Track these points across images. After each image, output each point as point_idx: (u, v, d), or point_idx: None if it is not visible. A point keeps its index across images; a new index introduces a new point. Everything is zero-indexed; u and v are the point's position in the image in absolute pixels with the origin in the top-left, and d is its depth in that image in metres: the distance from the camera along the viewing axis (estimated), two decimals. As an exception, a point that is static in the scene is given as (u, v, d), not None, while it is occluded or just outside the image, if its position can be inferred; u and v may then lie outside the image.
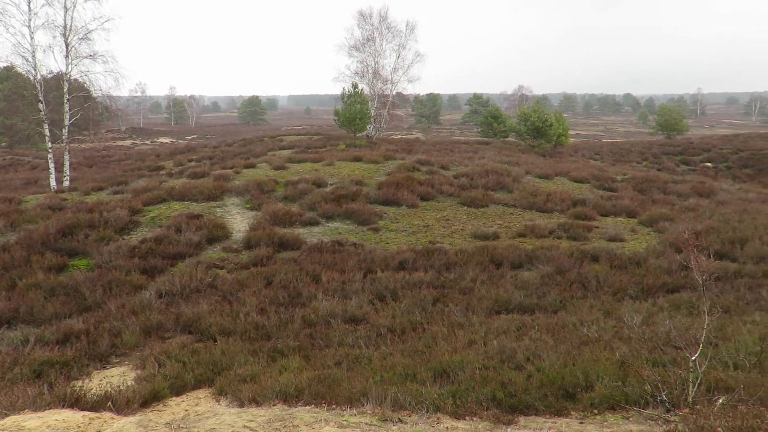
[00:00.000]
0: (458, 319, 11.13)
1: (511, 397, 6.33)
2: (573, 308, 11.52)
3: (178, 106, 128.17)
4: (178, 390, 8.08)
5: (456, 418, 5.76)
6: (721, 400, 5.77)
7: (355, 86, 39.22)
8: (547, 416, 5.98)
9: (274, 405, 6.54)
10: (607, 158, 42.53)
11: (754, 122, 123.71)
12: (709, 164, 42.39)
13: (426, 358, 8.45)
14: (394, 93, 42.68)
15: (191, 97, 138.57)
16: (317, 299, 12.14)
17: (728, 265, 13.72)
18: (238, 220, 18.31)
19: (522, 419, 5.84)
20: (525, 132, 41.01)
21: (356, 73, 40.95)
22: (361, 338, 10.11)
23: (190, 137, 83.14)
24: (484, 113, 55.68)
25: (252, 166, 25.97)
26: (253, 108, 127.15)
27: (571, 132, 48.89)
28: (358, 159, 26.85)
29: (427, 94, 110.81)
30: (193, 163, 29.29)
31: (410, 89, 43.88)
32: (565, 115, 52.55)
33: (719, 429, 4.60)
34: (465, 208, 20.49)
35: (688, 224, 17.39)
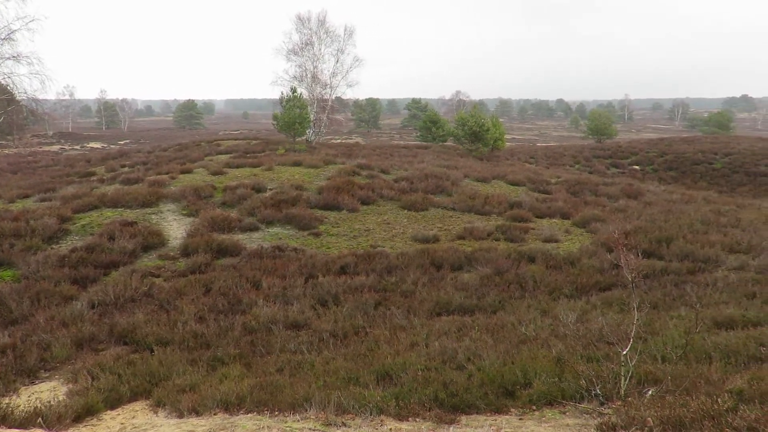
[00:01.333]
0: (400, 321, 11.21)
1: (453, 397, 6.43)
2: (511, 308, 11.80)
3: (109, 109, 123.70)
4: (113, 403, 7.80)
5: (399, 420, 5.81)
6: (650, 392, 6.04)
7: (294, 90, 38.96)
8: (488, 414, 6.11)
9: (214, 414, 6.42)
10: (542, 161, 43.78)
11: (677, 127, 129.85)
12: (636, 167, 44.27)
13: (369, 362, 8.47)
14: (333, 97, 42.68)
15: (123, 100, 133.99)
16: (258, 306, 11.97)
17: (655, 263, 14.35)
18: (175, 227, 17.86)
19: (464, 418, 5.95)
20: (463, 136, 41.75)
21: (295, 77, 40.78)
22: (304, 344, 10.04)
23: (122, 142, 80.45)
24: (423, 118, 56.31)
25: (188, 171, 25.38)
26: (189, 112, 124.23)
27: (507, 136, 50.06)
28: (297, 163, 26.67)
29: (366, 99, 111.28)
30: (126, 169, 28.35)
31: (349, 94, 44.08)
32: (501, 119, 53.81)
33: (649, 419, 4.82)
34: (405, 211, 20.66)
35: (618, 225, 18.11)
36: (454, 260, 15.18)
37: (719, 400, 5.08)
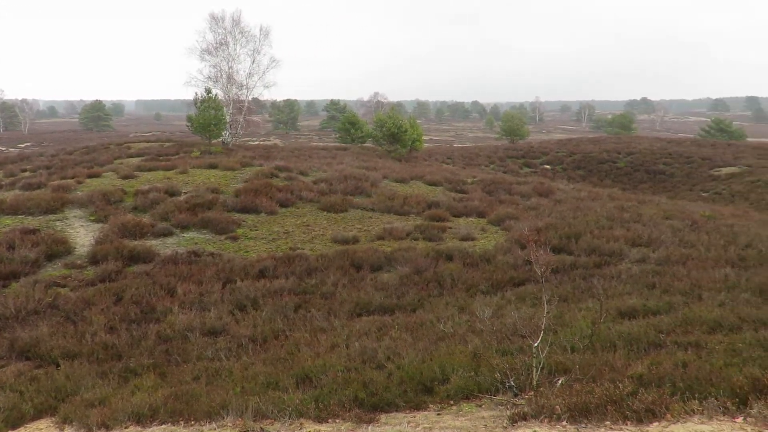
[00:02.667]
0: (321, 323, 11.18)
1: (372, 396, 6.48)
2: (430, 306, 12.01)
3: (7, 110, 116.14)
4: (15, 422, 7.34)
5: (319, 422, 5.79)
6: (560, 381, 6.32)
7: (208, 91, 37.92)
8: (407, 411, 6.20)
9: (126, 428, 6.17)
10: (459, 162, 44.82)
11: (584, 128, 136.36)
12: (547, 166, 46.15)
13: (289, 365, 8.39)
14: (250, 98, 41.87)
15: (23, 101, 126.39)
16: (173, 313, 11.60)
17: (565, 258, 15.00)
18: (82, 234, 17.00)
19: (383, 416, 6.00)
20: (381, 137, 42.10)
21: (209, 77, 39.64)
22: (222, 350, 9.82)
23: (23, 145, 75.85)
24: (342, 119, 56.36)
25: (97, 175, 24.23)
26: (97, 113, 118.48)
27: (425, 137, 50.97)
28: (213, 166, 26.02)
29: (284, 100, 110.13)
30: (27, 173, 26.67)
31: (267, 95, 43.21)
32: (418, 121, 54.67)
33: (557, 407, 5.05)
34: (325, 213, 20.59)
35: (530, 222, 18.81)
36: (374, 261, 15.28)
37: (620, 385, 5.39)
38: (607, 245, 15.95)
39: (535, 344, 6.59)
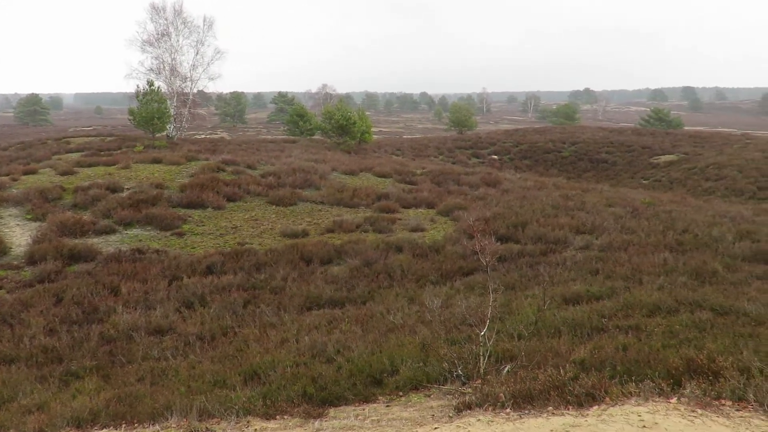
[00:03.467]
0: (270, 319, 11.07)
1: (321, 391, 6.45)
2: (380, 298, 12.04)
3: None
4: (-54, 433, 7.00)
5: (266, 419, 5.73)
6: (507, 368, 6.43)
7: (151, 84, 36.88)
8: (356, 404, 6.20)
9: (66, 433, 5.96)
10: (408, 153, 44.99)
11: (530, 118, 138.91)
12: (495, 157, 46.82)
13: (237, 363, 8.28)
14: (194, 91, 41.01)
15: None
16: (117, 313, 11.27)
17: (513, 247, 15.27)
18: (18, 233, 16.33)
19: (332, 411, 5.99)
20: (330, 130, 41.86)
21: (152, 69, 38.65)
22: (168, 349, 9.61)
23: (-47, 141, 72.09)
24: (290, 111, 55.76)
25: (33, 171, 23.27)
26: (33, 107, 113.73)
27: (374, 129, 50.92)
28: (157, 161, 25.34)
29: (231, 93, 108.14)
30: (-43, 171, 25.41)
31: (212, 87, 42.58)
32: (367, 113, 54.59)
33: (501, 395, 5.14)
34: (274, 207, 20.36)
35: (478, 212, 19.05)
36: (324, 254, 15.21)
37: (563, 371, 5.53)
38: (552, 233, 16.30)
39: (482, 333, 6.69)
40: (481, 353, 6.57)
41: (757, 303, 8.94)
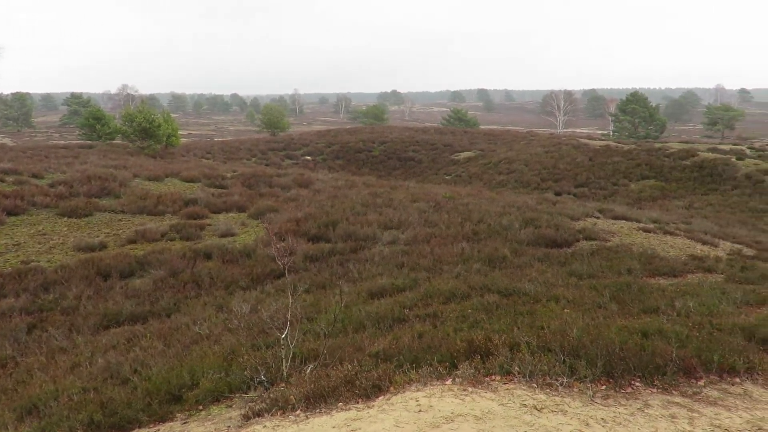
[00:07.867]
0: (61, 343, 10.04)
1: (111, 416, 5.94)
2: (187, 308, 11.49)
3: None
4: None
5: (43, 457, 5.15)
6: (310, 368, 6.44)
7: None
8: (151, 425, 5.80)
9: None
10: (219, 156, 43.63)
11: (342, 119, 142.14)
12: (309, 157, 47.18)
13: (15, 397, 7.35)
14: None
15: None
16: None
17: (324, 246, 15.44)
18: None
19: (122, 436, 5.55)
20: (132, 133, 39.16)
21: None
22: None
23: None
24: (85, 114, 51.12)
25: None
26: None
27: (182, 132, 48.63)
28: None
29: (13, 94, 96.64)
30: None
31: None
32: (175, 115, 51.98)
33: (291, 397, 5.13)
34: (65, 219, 18.49)
35: (290, 213, 19.02)
36: (124, 266, 14.15)
37: (354, 365, 5.67)
38: (361, 230, 16.77)
39: (283, 335, 6.64)
40: (283, 356, 6.52)
41: (535, 282, 9.98)
